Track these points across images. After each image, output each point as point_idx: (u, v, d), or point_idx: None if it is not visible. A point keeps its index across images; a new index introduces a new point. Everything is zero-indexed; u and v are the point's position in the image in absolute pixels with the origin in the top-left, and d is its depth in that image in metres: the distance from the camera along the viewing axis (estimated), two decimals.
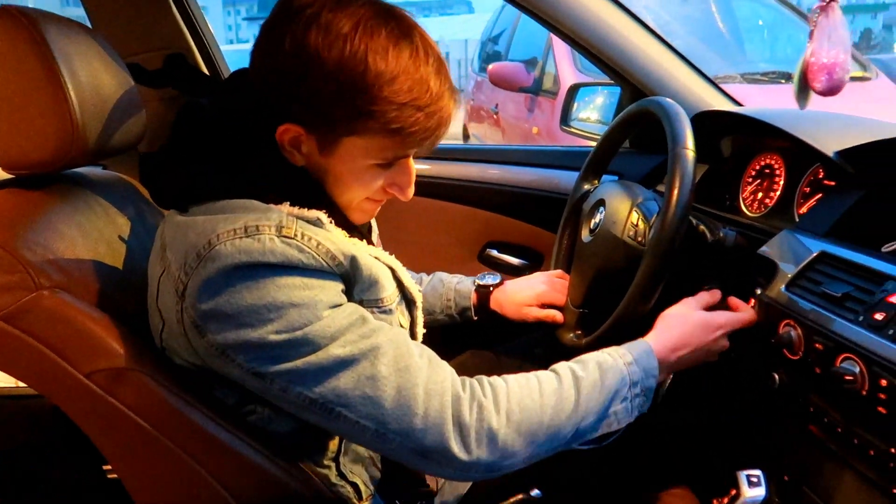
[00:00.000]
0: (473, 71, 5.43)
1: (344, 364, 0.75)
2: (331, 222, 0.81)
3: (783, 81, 3.09)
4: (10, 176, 0.91)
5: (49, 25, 0.85)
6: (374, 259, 0.85)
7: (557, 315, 1.18)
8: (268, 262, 0.73)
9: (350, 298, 0.81)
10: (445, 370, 0.81)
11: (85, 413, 0.86)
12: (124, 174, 1.14)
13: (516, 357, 1.31)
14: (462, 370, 1.25)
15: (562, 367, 0.86)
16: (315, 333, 0.74)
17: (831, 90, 0.86)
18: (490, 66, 3.89)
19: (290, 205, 0.78)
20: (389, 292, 0.86)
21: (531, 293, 1.20)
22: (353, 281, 0.81)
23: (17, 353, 0.82)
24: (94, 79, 0.90)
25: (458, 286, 1.24)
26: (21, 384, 0.91)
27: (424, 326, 1.05)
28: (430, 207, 1.65)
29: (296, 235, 0.75)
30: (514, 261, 1.64)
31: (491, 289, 1.23)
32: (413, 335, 0.96)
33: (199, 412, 0.83)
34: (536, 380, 0.83)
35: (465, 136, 5.55)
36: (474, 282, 1.24)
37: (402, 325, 0.89)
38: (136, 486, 0.89)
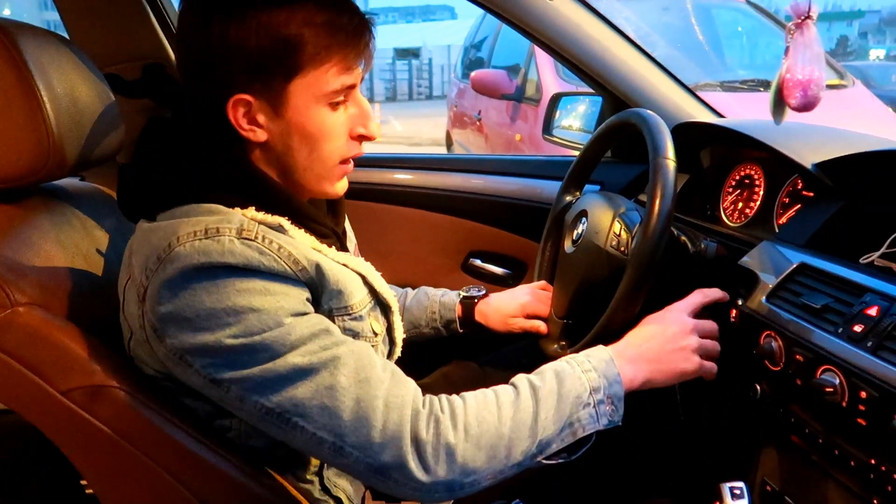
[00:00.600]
0: (456, 77, 5.44)
1: (302, 373, 0.74)
2: (299, 229, 0.81)
3: (762, 89, 3.13)
4: None
5: (24, 37, 0.84)
6: (342, 266, 0.85)
7: (542, 326, 1.18)
8: (227, 264, 0.73)
9: (318, 307, 0.81)
10: (408, 385, 0.79)
11: (61, 431, 0.84)
12: (103, 185, 1.13)
13: (500, 368, 1.31)
14: (446, 381, 1.27)
15: (520, 378, 0.85)
16: (273, 340, 0.73)
17: (806, 106, 0.88)
18: (473, 73, 3.91)
19: (256, 210, 0.79)
20: (358, 299, 0.86)
21: (515, 304, 1.21)
22: (319, 288, 0.80)
23: None
24: (70, 90, 0.88)
25: (443, 299, 1.24)
26: None
27: (410, 340, 1.04)
28: (413, 217, 1.65)
29: (256, 238, 0.75)
30: (498, 270, 1.64)
31: (475, 301, 1.23)
32: (391, 340, 0.95)
33: (179, 429, 0.82)
34: (494, 393, 0.82)
35: (449, 142, 5.56)
36: (459, 294, 1.24)
37: (375, 331, 0.89)
38: None
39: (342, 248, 0.90)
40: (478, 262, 1.66)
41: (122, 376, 0.81)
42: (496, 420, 0.78)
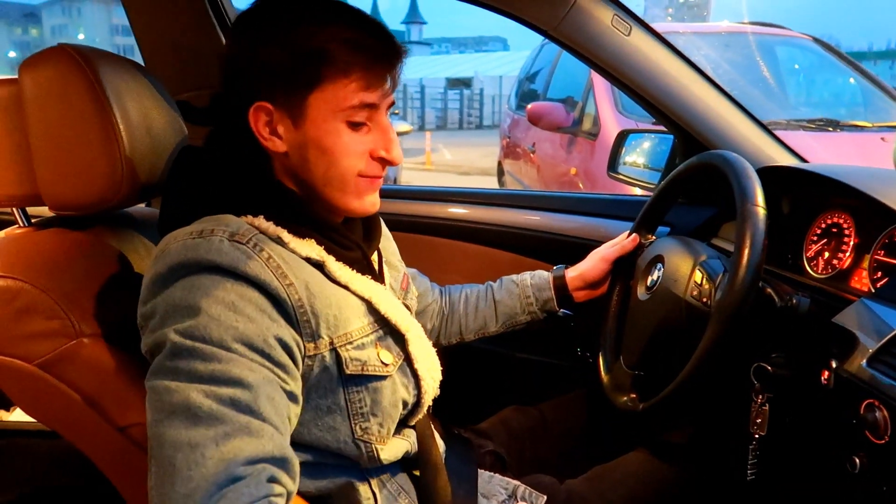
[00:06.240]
0: (510, 109, 5.44)
1: (186, 411, 0.65)
2: (308, 240, 0.80)
3: (831, 129, 3.02)
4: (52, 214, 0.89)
5: (103, 64, 0.84)
6: (342, 289, 0.81)
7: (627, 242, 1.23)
8: (213, 262, 0.71)
9: (318, 338, 0.76)
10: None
11: (116, 466, 0.83)
12: None
13: (560, 414, 1.25)
14: (504, 427, 1.21)
15: None
16: (201, 354, 0.67)
17: None
18: (529, 106, 3.88)
19: (265, 219, 0.79)
20: (357, 326, 0.81)
21: (606, 247, 1.23)
22: (310, 313, 0.76)
23: (50, 400, 0.79)
24: (144, 118, 0.88)
25: (533, 281, 1.23)
26: None
27: (506, 333, 1.12)
28: (471, 252, 1.61)
29: (247, 242, 0.74)
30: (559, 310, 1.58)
31: (564, 268, 1.24)
32: (414, 373, 0.88)
33: None
34: None
35: (500, 173, 5.54)
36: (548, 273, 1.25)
37: (384, 362, 0.84)
38: None
39: (370, 270, 0.87)
40: None
41: None
42: None
